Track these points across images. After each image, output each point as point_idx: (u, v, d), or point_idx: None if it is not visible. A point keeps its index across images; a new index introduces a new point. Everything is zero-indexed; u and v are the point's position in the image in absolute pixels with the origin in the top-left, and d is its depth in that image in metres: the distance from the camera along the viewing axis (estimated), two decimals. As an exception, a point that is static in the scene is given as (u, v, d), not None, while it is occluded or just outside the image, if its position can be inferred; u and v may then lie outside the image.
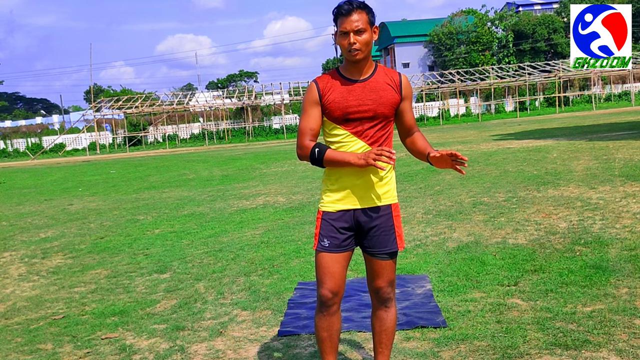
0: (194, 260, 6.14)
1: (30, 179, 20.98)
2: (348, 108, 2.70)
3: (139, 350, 3.81)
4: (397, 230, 2.82)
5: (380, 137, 2.76)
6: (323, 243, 2.78)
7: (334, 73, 2.79)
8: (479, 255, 5.32)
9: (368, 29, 2.66)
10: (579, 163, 11.06)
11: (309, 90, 2.78)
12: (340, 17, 2.65)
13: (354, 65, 2.72)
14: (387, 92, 2.74)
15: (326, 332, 2.86)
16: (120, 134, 48.10)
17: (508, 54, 62.15)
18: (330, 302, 2.79)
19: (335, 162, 2.69)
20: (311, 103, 2.76)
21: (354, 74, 2.74)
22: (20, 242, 8.03)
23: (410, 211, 7.80)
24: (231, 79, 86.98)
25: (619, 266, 4.63)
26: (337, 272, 2.78)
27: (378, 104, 2.72)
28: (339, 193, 2.77)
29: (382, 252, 2.80)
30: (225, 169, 18.16)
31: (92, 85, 53.71)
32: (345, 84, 2.73)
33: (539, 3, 73.63)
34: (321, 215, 2.81)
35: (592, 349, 3.24)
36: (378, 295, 2.87)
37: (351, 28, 2.63)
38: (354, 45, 2.64)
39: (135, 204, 11.25)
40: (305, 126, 2.76)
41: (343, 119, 2.72)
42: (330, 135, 2.79)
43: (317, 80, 2.79)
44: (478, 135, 24.06)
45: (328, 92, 2.73)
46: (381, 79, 2.76)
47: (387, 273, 2.83)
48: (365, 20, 2.65)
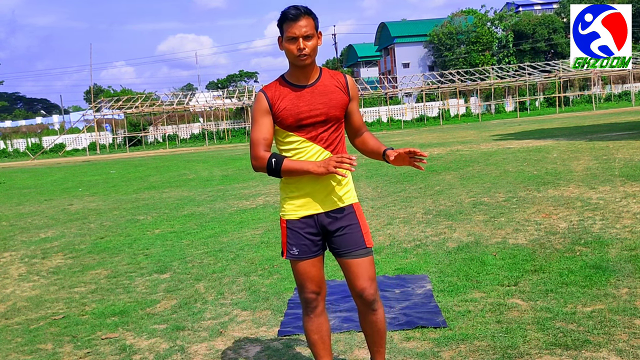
0: (194, 260, 6.15)
1: (30, 179, 20.99)
2: (300, 114, 2.69)
3: (139, 350, 3.81)
4: (363, 228, 2.82)
5: (335, 139, 2.77)
6: (292, 252, 2.79)
7: (280, 81, 2.77)
8: (479, 255, 5.32)
9: (315, 35, 2.67)
10: (579, 163, 11.06)
11: (258, 100, 2.75)
12: (287, 23, 2.64)
13: (301, 71, 2.72)
14: (335, 94, 2.76)
15: (317, 335, 2.88)
16: (120, 134, 48.08)
17: (508, 54, 62.15)
18: (315, 302, 2.83)
19: (294, 171, 2.68)
20: (262, 113, 2.72)
21: (301, 80, 2.73)
22: (20, 242, 8.03)
23: (410, 211, 7.80)
24: (231, 79, 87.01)
25: (619, 266, 4.63)
26: (315, 274, 2.81)
27: (329, 107, 2.72)
28: (299, 199, 2.77)
29: (353, 250, 2.78)
30: (225, 169, 18.16)
31: (92, 85, 53.75)
32: (294, 90, 2.72)
33: (539, 3, 73.63)
34: (285, 224, 2.81)
35: (592, 349, 3.24)
36: (362, 299, 2.81)
37: (300, 33, 2.62)
38: (304, 50, 2.64)
39: (135, 204, 11.25)
40: (258, 136, 2.71)
41: (296, 126, 2.71)
42: (284, 143, 2.77)
43: (264, 89, 2.76)
44: (478, 135, 24.06)
45: (278, 100, 2.71)
46: (328, 82, 2.77)
47: (366, 271, 2.79)
48: (312, 26, 2.66)
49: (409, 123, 46.81)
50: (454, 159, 14.34)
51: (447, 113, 48.91)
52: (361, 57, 76.84)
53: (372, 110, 48.72)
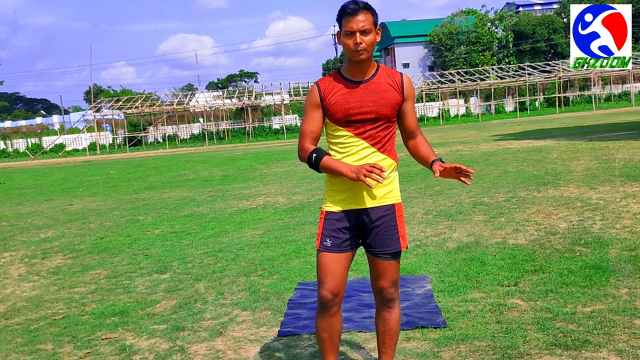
0: (194, 260, 6.14)
1: (30, 180, 20.98)
2: (349, 110, 2.70)
3: (139, 351, 3.81)
4: (400, 230, 2.82)
5: (383, 137, 2.76)
6: (325, 243, 2.78)
7: (335, 75, 2.78)
8: (479, 255, 5.32)
9: (373, 30, 2.66)
10: (579, 163, 11.06)
11: (311, 93, 2.79)
12: (346, 17, 2.64)
13: (357, 66, 2.71)
14: (388, 92, 2.73)
15: (327, 333, 2.87)
16: (120, 134, 48.09)
17: (508, 54, 62.17)
18: (330, 303, 2.80)
19: (330, 169, 2.72)
20: (312, 106, 2.77)
21: (356, 75, 2.73)
22: (20, 243, 8.03)
23: (410, 211, 7.80)
24: (231, 79, 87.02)
25: (619, 266, 4.63)
26: (338, 272, 2.78)
27: (379, 105, 2.71)
28: (342, 193, 2.77)
29: (384, 252, 2.80)
30: (225, 169, 18.16)
31: (92, 85, 53.75)
32: (346, 85, 2.73)
33: (539, 3, 73.66)
34: (324, 215, 2.81)
35: (592, 349, 3.24)
36: (381, 296, 2.88)
37: (358, 28, 2.62)
38: (361, 45, 2.62)
39: (135, 204, 11.25)
40: (306, 129, 2.79)
41: (345, 121, 2.72)
42: (333, 136, 2.79)
43: (318, 82, 2.79)
44: (478, 135, 24.06)
45: (329, 94, 2.73)
46: (383, 80, 2.75)
47: (390, 273, 2.83)
48: (370, 21, 2.65)
49: (409, 123, 46.73)
50: (454, 159, 14.33)
51: (447, 113, 48.92)
52: (361, 57, 76.76)
53: (372, 110, 48.67)
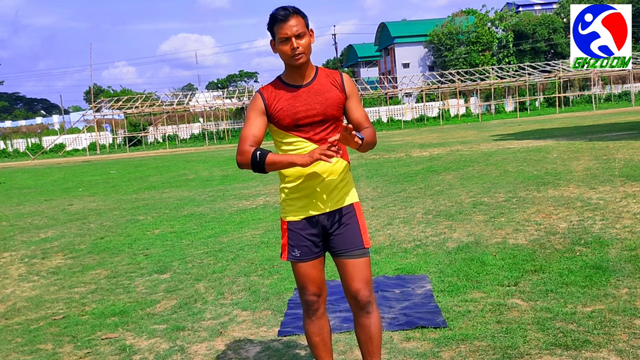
0: (194, 260, 6.15)
1: (30, 179, 20.98)
2: (297, 114, 2.68)
3: (139, 351, 3.81)
4: (362, 228, 2.79)
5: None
6: (294, 253, 2.78)
7: (276, 82, 2.77)
8: (479, 255, 5.32)
9: (306, 32, 2.65)
10: (579, 163, 11.06)
11: (254, 101, 2.75)
12: (278, 24, 2.62)
13: (297, 71, 2.70)
14: (332, 92, 2.73)
15: (318, 337, 2.87)
16: (120, 134, 48.08)
17: (508, 54, 62.15)
18: (316, 304, 2.83)
19: (279, 164, 2.62)
20: (256, 113, 2.71)
21: (298, 80, 2.72)
22: (20, 242, 8.03)
23: (410, 211, 7.80)
24: (231, 79, 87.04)
25: (619, 266, 4.63)
26: (316, 276, 2.80)
27: (326, 106, 2.70)
28: (300, 201, 2.75)
29: (350, 250, 2.76)
30: (225, 169, 18.16)
31: (92, 85, 53.76)
32: (290, 91, 2.71)
33: (539, 3, 73.64)
34: (287, 225, 2.79)
35: (592, 349, 3.24)
36: (357, 300, 2.77)
37: (292, 33, 2.61)
38: (298, 49, 2.62)
39: (135, 204, 11.25)
40: (247, 132, 2.68)
41: (293, 126, 2.69)
42: (283, 143, 2.75)
43: (261, 90, 2.75)
44: (478, 135, 24.06)
45: (274, 101, 2.70)
46: (324, 81, 2.75)
47: (361, 272, 2.76)
48: (302, 24, 2.64)
49: (409, 123, 46.80)
50: (454, 159, 14.33)
51: (447, 113, 48.91)
52: (361, 57, 76.84)
53: (372, 110, 48.68)
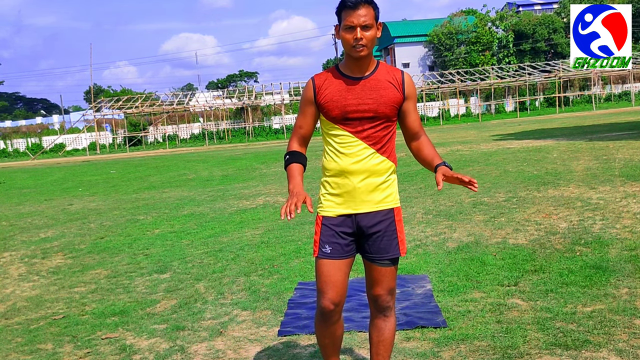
0: (194, 260, 6.14)
1: (30, 179, 20.98)
2: (347, 107, 2.58)
3: (139, 350, 3.81)
4: (400, 235, 2.69)
5: (382, 138, 2.62)
6: (324, 249, 2.64)
7: (333, 70, 2.66)
8: (479, 255, 5.32)
9: (374, 25, 2.53)
10: (579, 163, 11.06)
11: (306, 88, 2.69)
12: (346, 11, 2.50)
13: (356, 62, 2.58)
14: (388, 90, 2.60)
15: (328, 339, 2.79)
16: (120, 134, 48.09)
17: (508, 54, 62.12)
18: (331, 313, 2.67)
19: (288, 175, 2.75)
20: (305, 101, 2.69)
21: (355, 72, 2.60)
22: (20, 242, 8.03)
23: (410, 211, 7.80)
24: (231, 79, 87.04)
25: (619, 266, 4.63)
26: (339, 280, 2.65)
27: (379, 104, 2.57)
28: (339, 197, 2.65)
29: (383, 258, 2.67)
30: (225, 169, 18.16)
31: (92, 85, 53.75)
32: (344, 81, 2.60)
33: (539, 3, 73.63)
34: (321, 221, 2.68)
35: (592, 349, 3.24)
36: (377, 304, 2.74)
37: (358, 22, 2.49)
38: (361, 40, 2.50)
39: (135, 204, 11.25)
40: (297, 123, 2.78)
41: (341, 119, 2.60)
42: (329, 135, 2.67)
43: (314, 77, 2.68)
44: (478, 135, 24.06)
45: (325, 90, 2.62)
46: (383, 77, 2.62)
47: (387, 280, 2.70)
48: (372, 16, 2.51)
49: (409, 123, 46.75)
50: (454, 159, 14.33)
51: (447, 113, 48.91)
52: (361, 57, 76.75)
53: (372, 110, 48.68)
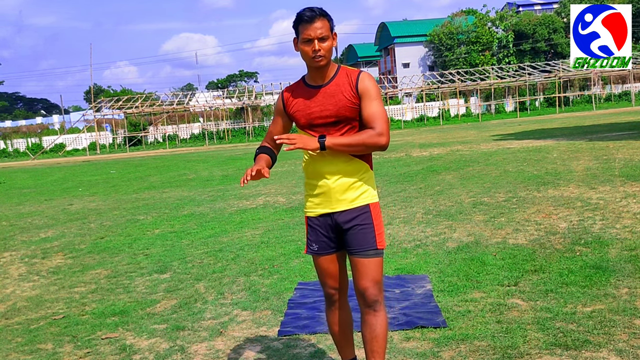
0: (194, 260, 6.15)
1: (30, 179, 20.98)
2: (311, 115, 2.75)
3: (139, 350, 3.81)
4: (377, 229, 2.79)
5: None
6: (312, 247, 2.89)
7: (299, 82, 2.86)
8: (479, 255, 5.32)
9: (330, 36, 2.69)
10: (579, 163, 11.06)
11: (277, 100, 2.93)
12: (303, 25, 2.66)
13: (317, 72, 2.75)
14: (345, 94, 2.72)
15: (337, 326, 2.99)
16: (120, 134, 48.07)
17: (508, 54, 62.16)
18: (335, 296, 2.94)
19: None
20: (277, 111, 2.93)
21: (317, 80, 2.77)
22: (20, 242, 8.03)
23: (410, 211, 7.80)
24: (231, 79, 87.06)
25: (619, 266, 4.63)
26: (334, 271, 2.90)
27: (338, 107, 2.71)
28: (317, 197, 2.83)
29: (362, 250, 2.77)
30: (225, 169, 18.16)
31: (93, 85, 53.76)
32: (307, 91, 2.78)
33: (539, 3, 73.64)
34: (307, 221, 2.91)
35: (592, 349, 3.24)
36: (364, 298, 2.79)
37: (315, 35, 2.64)
38: (319, 52, 2.66)
39: (135, 204, 11.25)
40: (268, 130, 2.99)
41: (308, 126, 2.77)
42: None
43: (284, 90, 2.90)
44: (478, 135, 24.06)
45: (292, 101, 2.81)
46: (341, 81, 2.75)
47: (371, 272, 2.77)
48: (327, 27, 2.67)
49: (409, 123, 46.81)
50: (454, 159, 14.34)
51: (447, 113, 48.90)
52: (361, 57, 76.81)
53: (372, 110, 48.66)
